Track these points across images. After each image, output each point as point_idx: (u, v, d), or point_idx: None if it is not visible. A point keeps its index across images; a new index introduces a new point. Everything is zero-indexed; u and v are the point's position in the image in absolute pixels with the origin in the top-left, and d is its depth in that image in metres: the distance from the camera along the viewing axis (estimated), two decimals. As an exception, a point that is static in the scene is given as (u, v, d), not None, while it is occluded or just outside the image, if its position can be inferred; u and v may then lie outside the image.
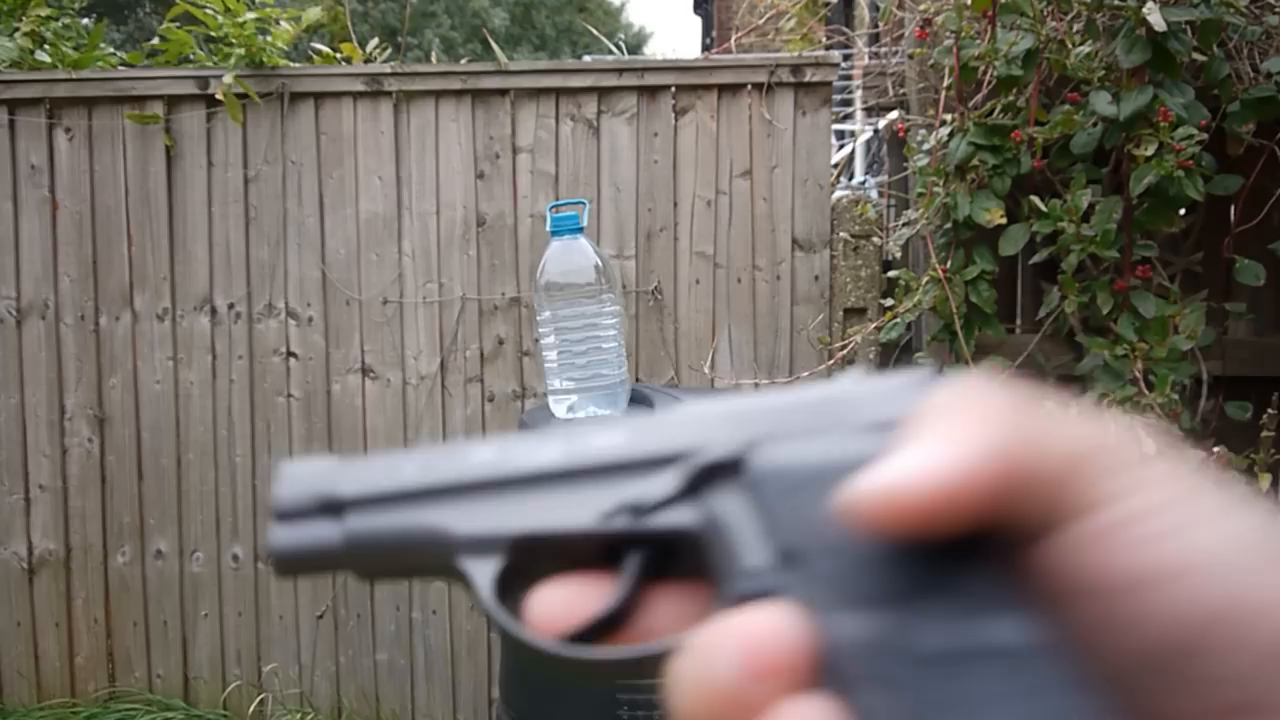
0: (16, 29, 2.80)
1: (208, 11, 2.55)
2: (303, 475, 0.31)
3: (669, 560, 0.27)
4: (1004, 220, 2.14)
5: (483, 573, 0.28)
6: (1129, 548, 0.22)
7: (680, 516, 0.27)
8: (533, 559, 0.28)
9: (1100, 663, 0.22)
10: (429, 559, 0.29)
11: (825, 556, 0.24)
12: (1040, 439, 0.23)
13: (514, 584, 0.28)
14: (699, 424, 0.28)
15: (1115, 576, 0.22)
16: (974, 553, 0.23)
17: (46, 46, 2.88)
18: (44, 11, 2.85)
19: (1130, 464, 0.23)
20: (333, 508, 0.29)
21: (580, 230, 2.17)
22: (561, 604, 0.27)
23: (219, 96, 2.56)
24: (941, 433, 0.23)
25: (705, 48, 13.76)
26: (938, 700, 0.22)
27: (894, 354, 2.47)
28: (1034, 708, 0.21)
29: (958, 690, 0.22)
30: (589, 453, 0.28)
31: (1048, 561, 0.22)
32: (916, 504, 0.22)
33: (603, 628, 0.27)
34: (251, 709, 2.68)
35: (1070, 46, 2.15)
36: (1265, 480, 1.99)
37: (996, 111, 2.22)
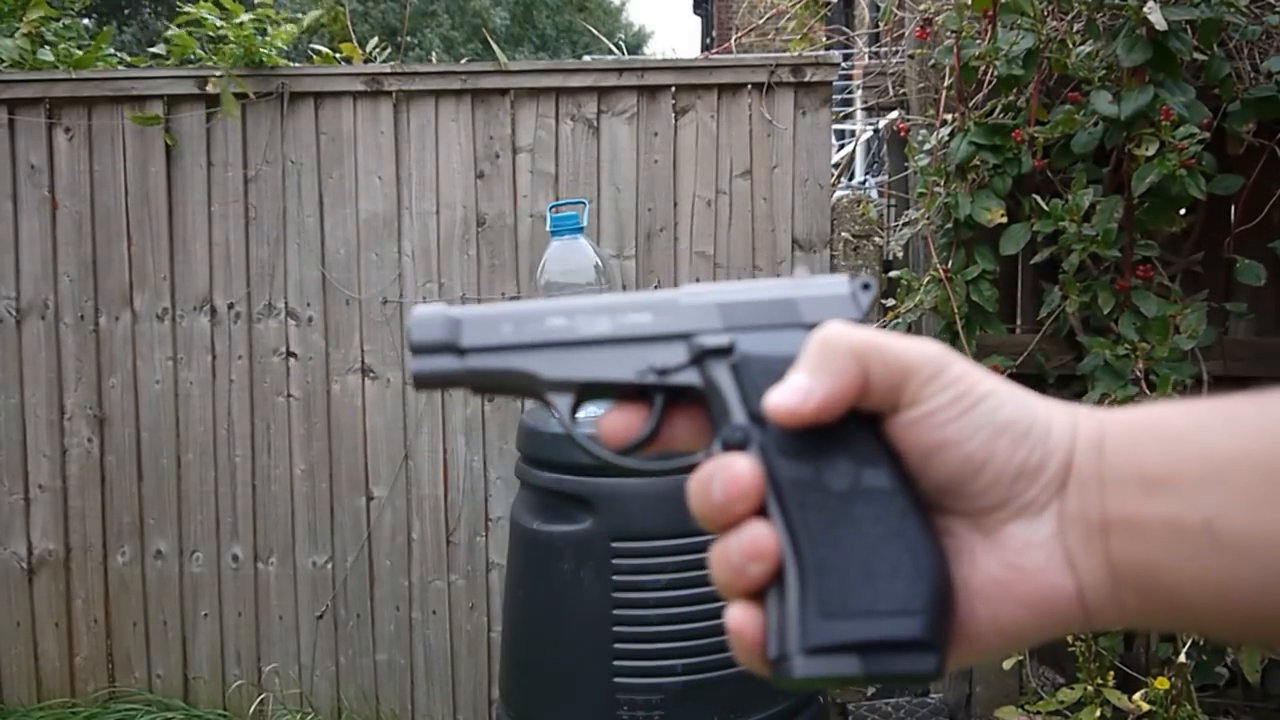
0: (16, 29, 2.80)
1: (205, 16, 2.55)
2: (428, 320, 0.43)
3: (679, 400, 0.43)
4: (1005, 220, 2.14)
5: (563, 404, 0.43)
6: (930, 429, 0.38)
7: (689, 377, 0.41)
8: (592, 395, 0.43)
9: (923, 486, 0.38)
10: (524, 389, 0.43)
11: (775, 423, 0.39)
12: (882, 351, 0.38)
13: (578, 409, 0.44)
14: (702, 311, 0.42)
15: (925, 443, 0.38)
16: (858, 423, 0.38)
17: (49, 46, 2.87)
18: (43, 12, 2.85)
19: (936, 372, 0.38)
20: (456, 350, 0.42)
21: (580, 230, 2.17)
22: (614, 424, 0.44)
23: (210, 90, 2.56)
24: (824, 363, 0.39)
25: (705, 47, 13.75)
26: (839, 520, 0.37)
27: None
28: (894, 525, 0.37)
29: (852, 514, 0.37)
30: (626, 328, 0.42)
31: (895, 432, 0.39)
32: (807, 411, 0.38)
33: (640, 444, 0.43)
34: (252, 709, 2.67)
35: (1071, 46, 2.14)
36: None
37: (997, 111, 2.22)
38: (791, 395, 0.38)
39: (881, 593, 0.35)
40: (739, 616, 0.37)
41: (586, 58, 3.42)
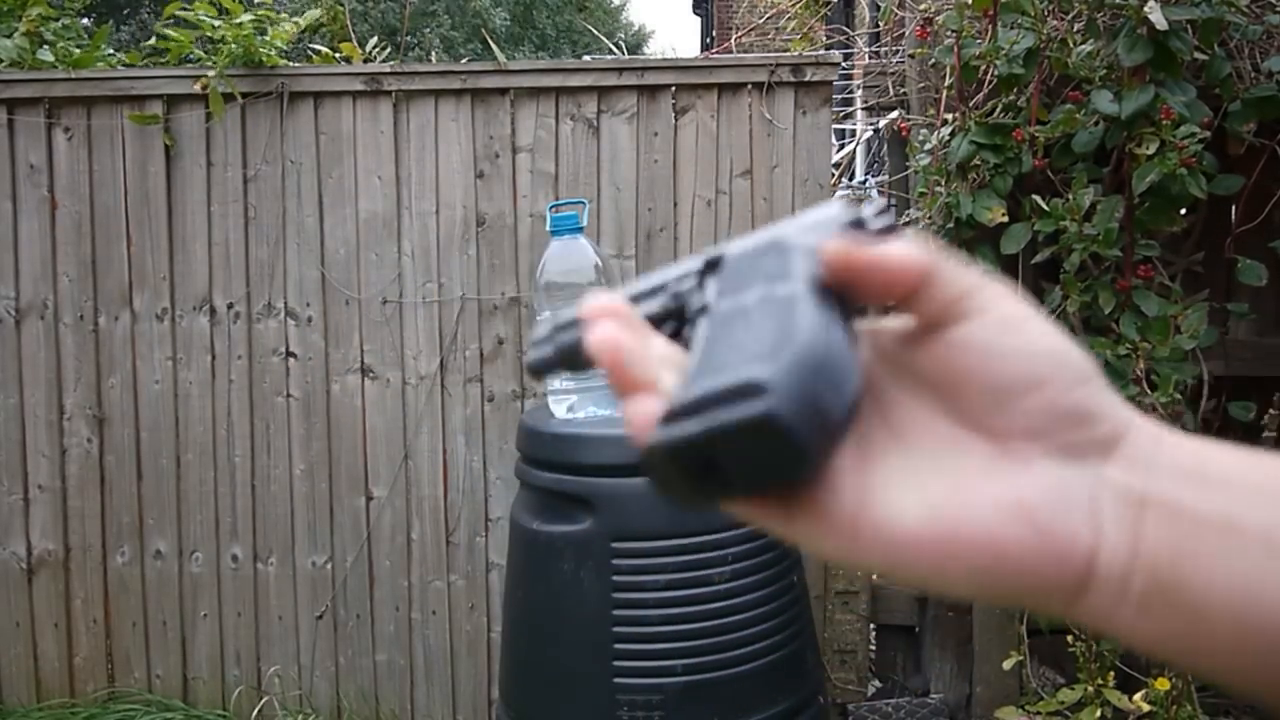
0: (15, 28, 2.80)
1: (202, 18, 2.55)
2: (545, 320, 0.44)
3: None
4: (1005, 219, 2.14)
5: None
6: (999, 330, 0.36)
7: (697, 296, 0.40)
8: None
9: (972, 390, 0.36)
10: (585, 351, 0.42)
11: (730, 278, 0.38)
12: (947, 267, 0.36)
13: None
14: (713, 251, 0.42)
15: (989, 342, 0.35)
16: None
17: (48, 46, 2.87)
18: (42, 11, 2.85)
19: (981, 289, 0.36)
20: (552, 333, 0.41)
21: (580, 230, 2.17)
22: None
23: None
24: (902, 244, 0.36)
25: (705, 47, 13.75)
26: (735, 323, 0.35)
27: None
28: (780, 317, 0.34)
29: (749, 317, 0.35)
30: (658, 277, 0.41)
31: (958, 331, 0.36)
32: (871, 266, 0.35)
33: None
34: (252, 710, 2.67)
35: (1071, 45, 2.14)
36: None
37: (998, 110, 2.21)
38: (846, 243, 0.36)
39: (745, 353, 0.33)
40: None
41: (586, 57, 3.42)
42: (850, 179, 4.14)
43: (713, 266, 0.40)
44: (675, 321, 0.40)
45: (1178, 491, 0.34)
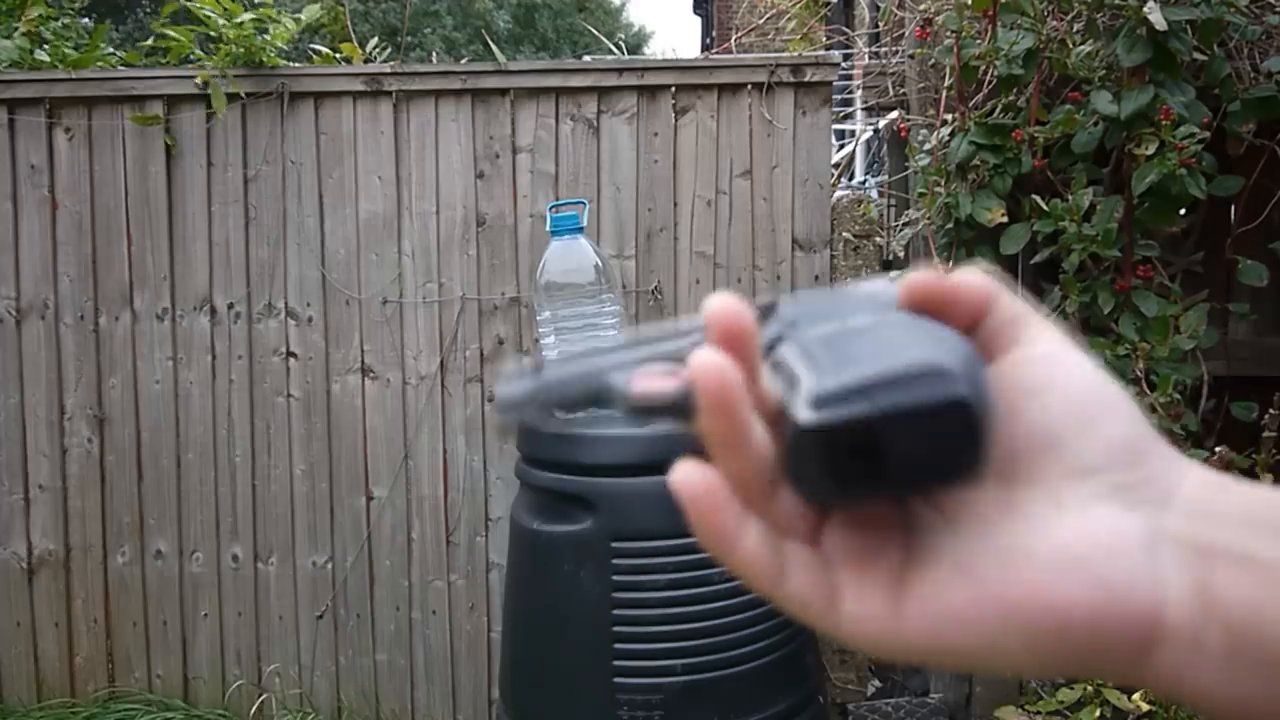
0: (15, 29, 2.80)
1: (206, 13, 2.55)
2: (509, 373, 0.40)
3: None
4: (1005, 219, 2.14)
5: (618, 378, 0.37)
6: (1045, 364, 0.35)
7: None
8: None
9: (1018, 432, 0.34)
10: (592, 390, 0.39)
11: (806, 318, 0.34)
12: (1001, 293, 0.36)
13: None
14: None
15: (1036, 377, 0.35)
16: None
17: (46, 46, 2.87)
18: (41, 11, 2.85)
19: (1028, 319, 0.36)
20: (530, 375, 0.39)
21: (580, 230, 2.17)
22: (651, 381, 0.38)
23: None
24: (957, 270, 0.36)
25: (705, 47, 13.75)
26: (852, 335, 0.32)
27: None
28: (922, 331, 0.32)
29: (867, 331, 0.32)
30: (685, 324, 0.39)
31: (1004, 367, 0.35)
32: (952, 289, 0.36)
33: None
34: (251, 709, 2.67)
35: (1071, 46, 2.14)
36: (1267, 480, 1.98)
37: (997, 111, 2.22)
38: (926, 274, 0.35)
39: (902, 349, 0.30)
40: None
41: (587, 58, 3.42)
42: (850, 179, 4.14)
43: (765, 313, 0.37)
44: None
45: (1247, 541, 0.31)
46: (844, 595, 0.33)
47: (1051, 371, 0.35)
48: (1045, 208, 2.08)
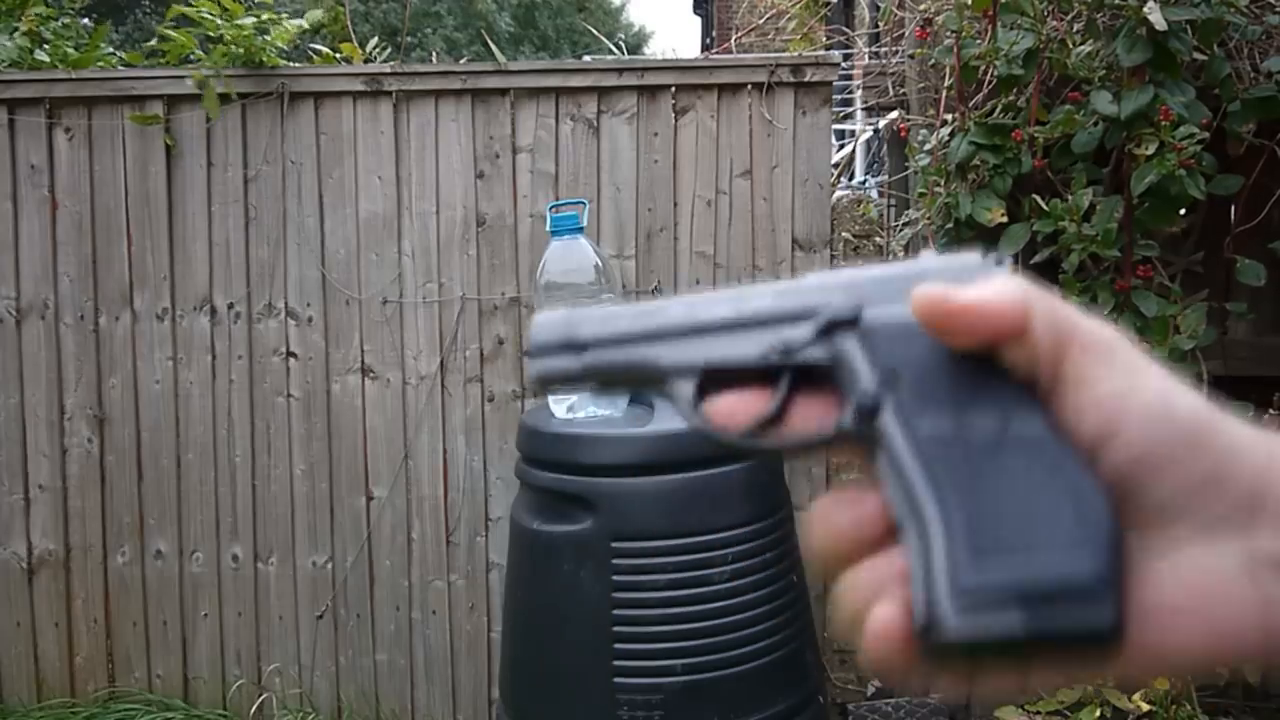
0: (15, 29, 2.80)
1: (205, 15, 2.55)
2: (546, 323, 0.42)
3: (806, 380, 0.40)
4: (1005, 219, 2.14)
5: (685, 391, 0.40)
6: (1096, 409, 0.33)
7: (816, 353, 0.39)
8: (715, 380, 0.40)
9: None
10: (645, 379, 0.41)
11: (909, 376, 0.36)
12: (1051, 303, 0.35)
13: (701, 399, 0.41)
14: (823, 290, 0.40)
15: (1092, 426, 0.33)
16: (1004, 377, 0.35)
17: (46, 46, 2.87)
18: (41, 10, 2.85)
19: (1108, 350, 0.34)
20: (574, 347, 0.41)
21: (580, 230, 2.17)
22: (732, 408, 0.40)
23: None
24: (983, 282, 0.35)
25: (705, 47, 13.76)
26: (985, 471, 0.33)
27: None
28: (1049, 470, 0.33)
29: (1000, 465, 0.33)
30: (749, 310, 0.40)
31: (1060, 418, 0.34)
32: (953, 306, 0.34)
33: (765, 424, 0.40)
34: (252, 709, 2.67)
35: (1071, 46, 2.15)
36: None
37: (997, 111, 2.22)
38: (939, 288, 0.34)
39: (1042, 529, 0.31)
40: (881, 612, 0.34)
41: (587, 58, 3.42)
42: (850, 179, 4.14)
43: (841, 326, 0.39)
44: (775, 377, 0.39)
45: None
46: None
47: (1113, 418, 0.33)
48: (1045, 208, 2.08)
